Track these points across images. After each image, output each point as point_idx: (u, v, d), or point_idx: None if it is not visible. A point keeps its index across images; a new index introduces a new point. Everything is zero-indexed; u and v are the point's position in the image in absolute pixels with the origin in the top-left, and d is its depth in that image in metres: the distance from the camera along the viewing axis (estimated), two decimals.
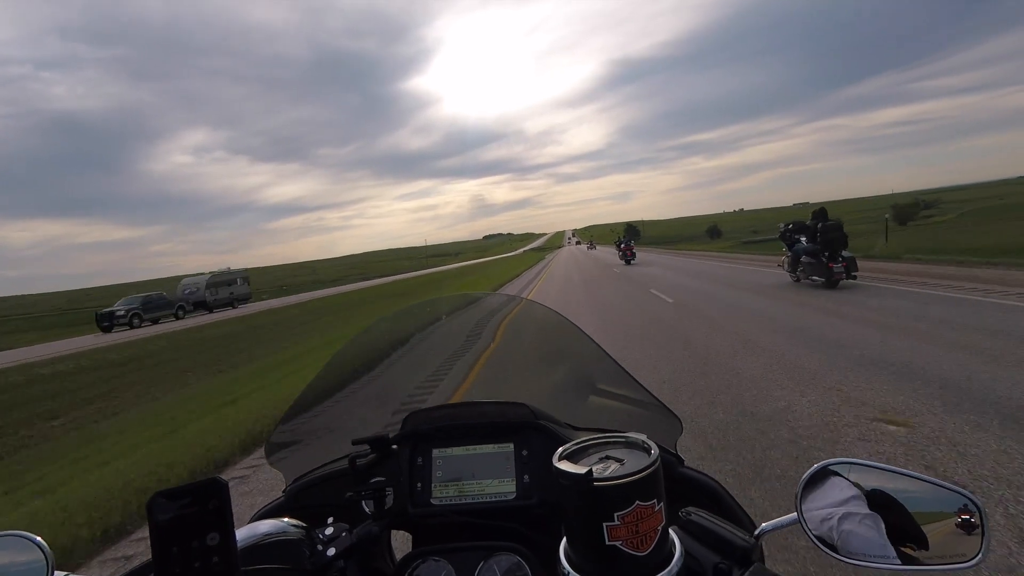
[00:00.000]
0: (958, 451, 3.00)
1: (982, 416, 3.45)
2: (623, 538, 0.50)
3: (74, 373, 12.37)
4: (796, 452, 3.19)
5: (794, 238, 11.32)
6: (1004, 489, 2.55)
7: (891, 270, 12.40)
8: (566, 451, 0.58)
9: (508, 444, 0.87)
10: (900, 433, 3.32)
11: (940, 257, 13.63)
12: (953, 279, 9.91)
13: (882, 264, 13.97)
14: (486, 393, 1.15)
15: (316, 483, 0.91)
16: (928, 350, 5.16)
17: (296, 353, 10.35)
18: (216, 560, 0.50)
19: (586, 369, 1.17)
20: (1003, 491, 2.53)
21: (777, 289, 11.14)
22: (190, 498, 0.50)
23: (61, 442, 6.48)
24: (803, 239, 11.01)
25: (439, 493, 0.85)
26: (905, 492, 0.56)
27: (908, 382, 4.27)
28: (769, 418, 3.79)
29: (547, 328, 1.30)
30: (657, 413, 0.94)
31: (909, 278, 10.68)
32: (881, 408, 3.79)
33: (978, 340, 5.33)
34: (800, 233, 11.20)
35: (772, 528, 0.59)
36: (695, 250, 41.89)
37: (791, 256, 11.41)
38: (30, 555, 0.64)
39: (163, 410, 7.10)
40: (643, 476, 0.51)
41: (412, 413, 0.93)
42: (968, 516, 0.54)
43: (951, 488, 0.55)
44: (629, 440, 0.58)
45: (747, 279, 14.11)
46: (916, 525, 0.55)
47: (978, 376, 4.24)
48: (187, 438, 4.95)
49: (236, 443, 4.57)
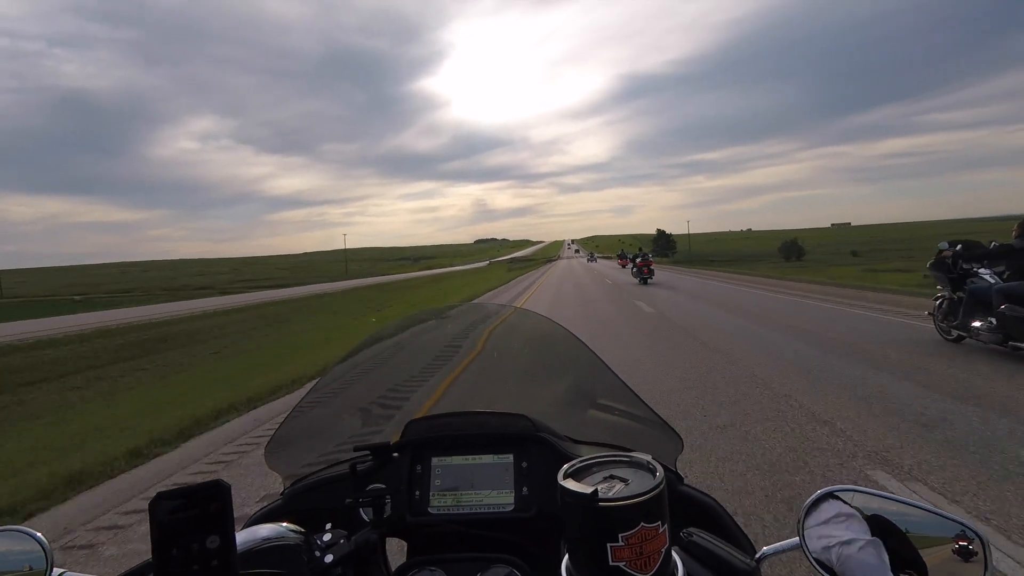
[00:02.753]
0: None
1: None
2: (627, 559, 0.50)
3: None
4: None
5: (967, 268, 6.49)
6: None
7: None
8: (571, 468, 0.58)
9: (508, 455, 0.87)
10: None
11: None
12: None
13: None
14: (485, 403, 1.15)
15: (314, 487, 0.91)
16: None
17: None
18: (215, 563, 0.50)
19: (586, 381, 1.17)
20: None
21: (937, 359, 5.87)
22: (192, 500, 0.50)
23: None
24: (983, 270, 6.27)
25: (437, 502, 0.85)
26: (906, 518, 0.56)
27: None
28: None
29: (546, 337, 1.29)
30: (657, 430, 0.94)
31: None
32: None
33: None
34: (980, 261, 6.39)
35: (773, 552, 0.59)
36: (761, 277, 25.22)
37: (953, 300, 6.66)
38: (29, 549, 0.64)
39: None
40: (649, 498, 0.51)
41: (413, 421, 0.93)
42: (966, 543, 0.54)
43: (952, 517, 0.56)
44: (634, 460, 0.58)
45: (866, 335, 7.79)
46: (916, 552, 0.55)
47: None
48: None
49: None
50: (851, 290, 15.59)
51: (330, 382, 1.14)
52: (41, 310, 35.30)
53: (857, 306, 11.33)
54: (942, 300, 6.97)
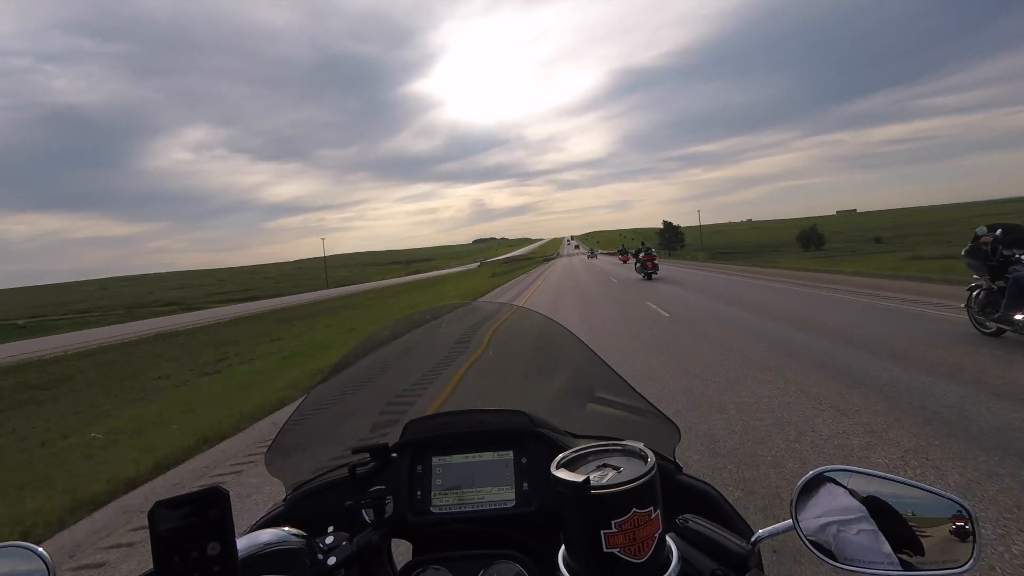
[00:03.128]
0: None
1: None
2: (621, 545, 0.51)
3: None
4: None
5: (1009, 255, 5.94)
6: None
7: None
8: (564, 459, 0.59)
9: (507, 452, 0.87)
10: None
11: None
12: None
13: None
14: (484, 401, 1.15)
15: (316, 492, 0.91)
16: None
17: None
18: (217, 570, 0.50)
19: (584, 377, 1.17)
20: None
21: (968, 354, 5.26)
22: (191, 507, 0.50)
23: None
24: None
25: (439, 501, 0.85)
26: (900, 498, 0.56)
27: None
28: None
29: (544, 335, 1.30)
30: (655, 421, 0.94)
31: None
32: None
33: None
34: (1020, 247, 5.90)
35: (768, 535, 0.59)
36: (773, 269, 23.11)
37: (993, 289, 6.06)
38: (31, 565, 0.64)
39: None
40: (640, 484, 0.52)
41: (412, 421, 0.93)
42: (962, 523, 0.54)
43: (945, 496, 0.56)
44: (626, 448, 0.59)
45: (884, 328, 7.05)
46: (911, 531, 0.55)
47: None
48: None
49: None
50: (929, 284, 11.57)
51: (329, 387, 1.14)
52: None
53: (853, 292, 9.49)
54: (979, 290, 6.34)
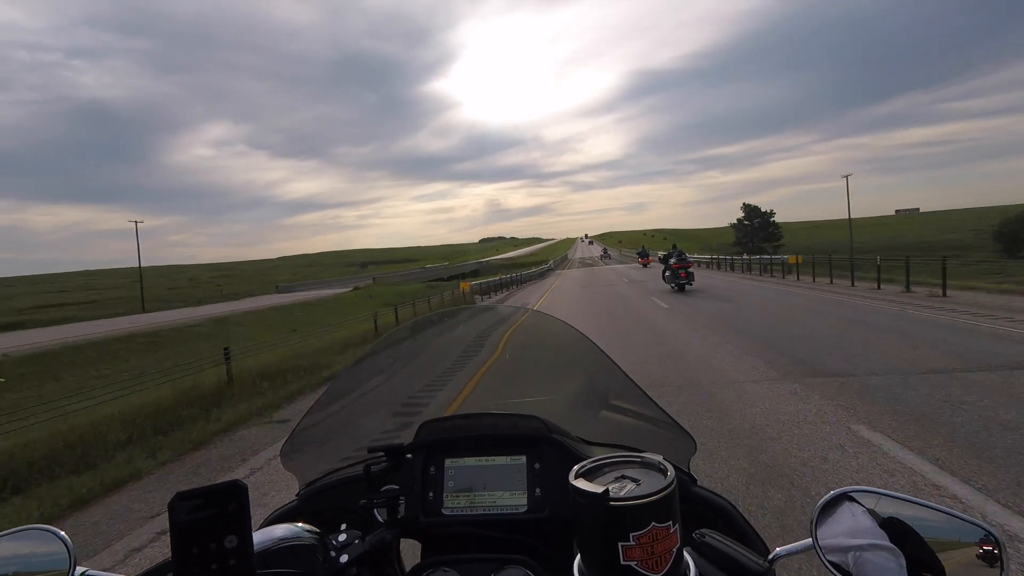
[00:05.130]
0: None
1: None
2: (638, 559, 0.50)
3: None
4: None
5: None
6: None
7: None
8: (582, 468, 0.58)
9: (521, 457, 0.87)
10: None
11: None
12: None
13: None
14: (498, 404, 1.15)
15: (329, 488, 0.91)
16: None
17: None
18: (233, 563, 0.50)
19: (599, 383, 1.16)
20: None
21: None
22: (210, 500, 0.51)
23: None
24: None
25: (451, 503, 0.85)
26: (922, 521, 0.55)
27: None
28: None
29: (559, 340, 1.29)
30: (671, 431, 0.93)
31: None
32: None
33: None
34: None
35: (786, 553, 0.59)
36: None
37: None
38: (52, 548, 0.65)
39: None
40: (660, 498, 0.51)
41: (426, 422, 0.93)
42: (990, 548, 0.53)
43: (969, 520, 0.55)
44: (645, 460, 0.58)
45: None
46: (934, 555, 0.54)
47: None
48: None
49: None
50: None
51: (345, 385, 1.15)
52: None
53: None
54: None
